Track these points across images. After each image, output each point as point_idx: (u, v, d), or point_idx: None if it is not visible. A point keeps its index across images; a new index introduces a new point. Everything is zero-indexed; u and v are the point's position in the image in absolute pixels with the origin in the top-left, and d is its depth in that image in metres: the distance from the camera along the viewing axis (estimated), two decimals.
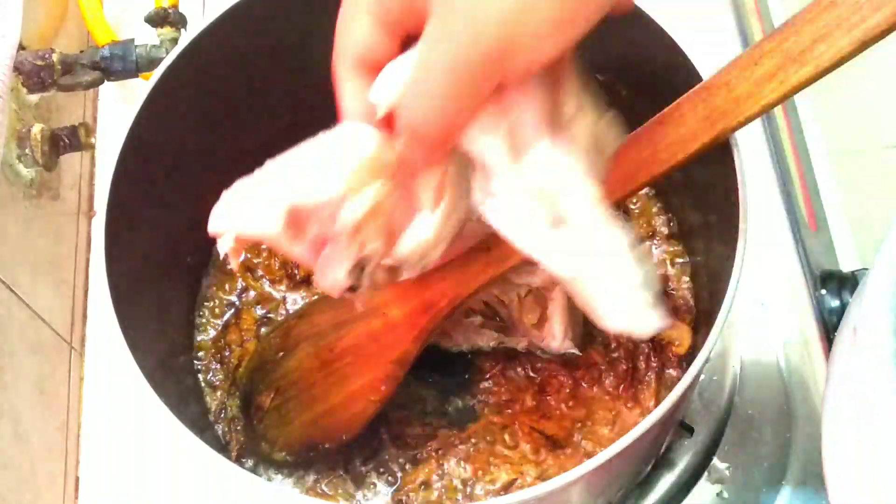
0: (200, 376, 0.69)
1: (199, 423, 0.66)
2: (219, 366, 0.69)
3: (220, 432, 0.67)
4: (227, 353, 0.70)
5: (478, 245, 0.57)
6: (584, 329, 0.66)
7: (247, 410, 0.66)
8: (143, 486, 0.74)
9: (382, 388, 0.60)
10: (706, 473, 0.69)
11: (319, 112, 0.76)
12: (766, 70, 0.49)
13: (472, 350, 0.66)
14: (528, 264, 0.61)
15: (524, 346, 0.66)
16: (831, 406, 0.52)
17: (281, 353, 0.65)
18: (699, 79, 0.57)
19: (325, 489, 0.65)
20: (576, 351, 0.64)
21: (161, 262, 0.65)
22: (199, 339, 0.70)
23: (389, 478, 0.65)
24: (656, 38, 0.59)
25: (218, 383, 0.68)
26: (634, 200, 0.72)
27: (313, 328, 0.64)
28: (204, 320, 0.71)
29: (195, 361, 0.69)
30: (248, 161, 0.75)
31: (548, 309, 0.64)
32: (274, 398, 0.64)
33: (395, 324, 0.60)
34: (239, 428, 0.67)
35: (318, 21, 0.67)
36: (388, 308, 0.60)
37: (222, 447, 0.66)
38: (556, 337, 0.64)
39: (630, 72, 0.65)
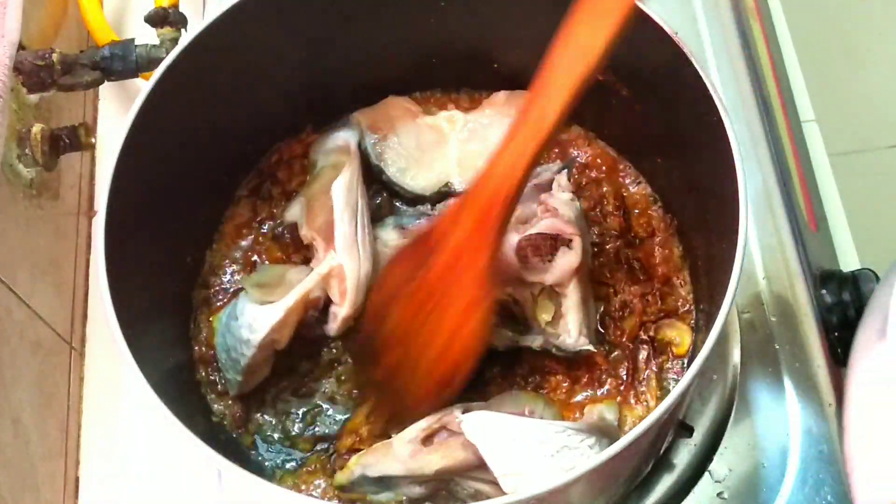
0: (201, 376, 0.69)
1: (199, 422, 0.66)
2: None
3: (221, 428, 0.67)
4: None
5: (515, 120, 0.57)
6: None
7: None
8: (142, 486, 0.74)
9: (483, 301, 0.59)
10: (706, 473, 0.69)
11: (318, 110, 0.77)
12: None
13: None
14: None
15: (539, 345, 0.65)
16: (857, 397, 0.52)
17: (374, 329, 0.64)
18: (700, 78, 0.58)
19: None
20: (591, 348, 0.64)
21: (161, 262, 0.65)
22: (200, 337, 0.70)
23: None
24: (657, 39, 0.59)
25: (218, 382, 0.68)
26: (635, 197, 0.73)
27: (396, 279, 0.63)
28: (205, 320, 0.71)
29: (195, 361, 0.69)
30: (248, 160, 0.76)
31: (562, 306, 0.63)
32: (385, 365, 0.63)
33: (468, 235, 0.59)
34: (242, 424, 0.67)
35: (318, 21, 0.68)
36: (455, 229, 0.60)
37: (224, 448, 0.66)
38: (572, 333, 0.63)
39: (631, 72, 0.65)
